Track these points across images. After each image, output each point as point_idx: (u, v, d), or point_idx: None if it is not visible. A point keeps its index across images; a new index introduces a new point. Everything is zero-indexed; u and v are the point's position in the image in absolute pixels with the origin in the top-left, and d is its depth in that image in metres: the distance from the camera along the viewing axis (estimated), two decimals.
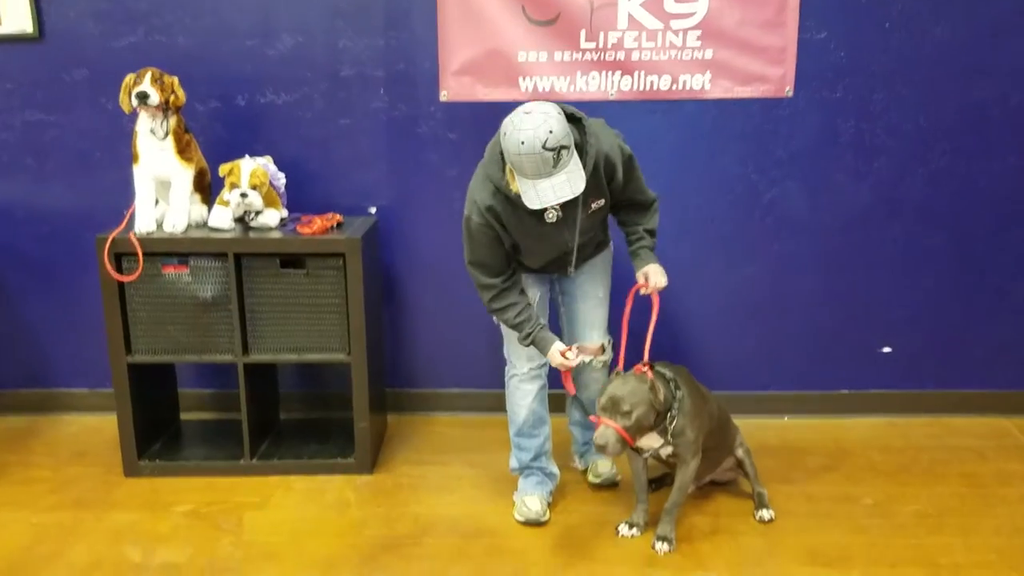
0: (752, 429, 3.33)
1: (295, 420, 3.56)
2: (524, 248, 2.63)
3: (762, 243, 3.47)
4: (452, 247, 3.46)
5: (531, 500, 2.84)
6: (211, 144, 3.33)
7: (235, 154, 3.17)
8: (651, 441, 2.65)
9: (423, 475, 3.16)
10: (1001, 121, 3.32)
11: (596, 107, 3.31)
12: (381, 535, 2.78)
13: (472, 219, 2.54)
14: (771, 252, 3.48)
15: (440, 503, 2.97)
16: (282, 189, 3.24)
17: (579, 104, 3.29)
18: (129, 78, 2.98)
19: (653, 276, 2.73)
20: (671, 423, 2.61)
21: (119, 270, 3.01)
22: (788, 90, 3.31)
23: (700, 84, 3.31)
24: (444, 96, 3.34)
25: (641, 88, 3.31)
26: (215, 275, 3.03)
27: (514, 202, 2.45)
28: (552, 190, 2.31)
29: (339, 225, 3.16)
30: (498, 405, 3.02)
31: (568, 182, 2.33)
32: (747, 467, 2.94)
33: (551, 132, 2.27)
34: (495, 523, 2.84)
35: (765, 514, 2.84)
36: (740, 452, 2.95)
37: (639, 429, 2.51)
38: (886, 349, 3.56)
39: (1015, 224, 3.42)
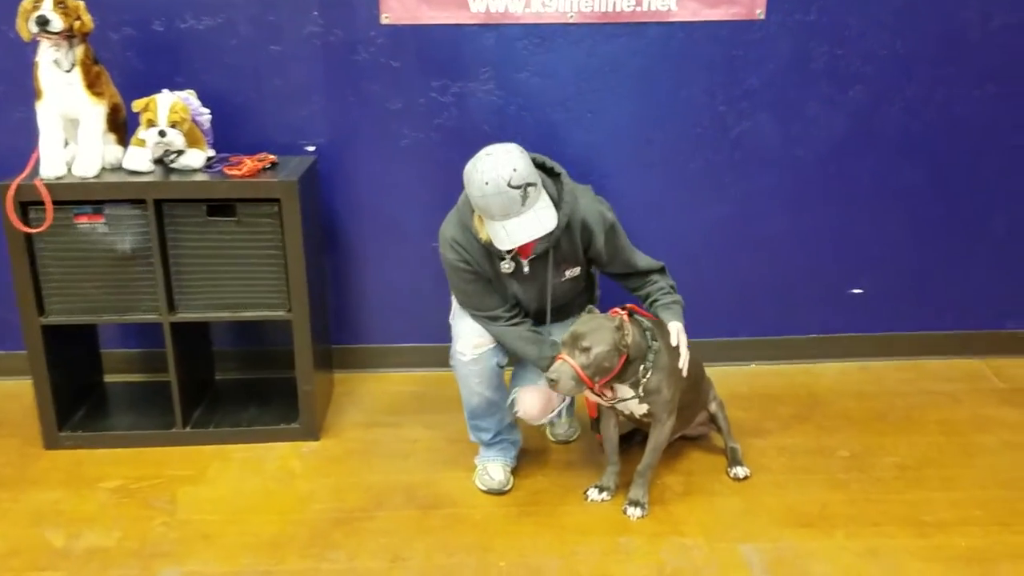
0: (719, 377, 3.14)
1: (231, 381, 3.29)
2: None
3: (731, 180, 3.25)
4: (398, 187, 3.19)
5: (494, 468, 2.64)
6: (125, 76, 2.97)
7: (152, 87, 2.82)
8: (623, 392, 2.45)
9: (375, 440, 2.93)
10: (981, 45, 3.12)
11: (554, 31, 3.03)
12: (331, 509, 2.56)
13: (447, 257, 2.46)
14: (740, 190, 3.26)
15: (395, 470, 2.75)
16: (206, 126, 2.92)
17: (535, 28, 3.02)
18: (27, 2, 2.60)
19: (682, 344, 2.52)
20: (644, 376, 2.41)
21: (26, 221, 2.67)
22: (759, 12, 3.06)
23: (666, 6, 3.03)
24: (385, 19, 3.01)
25: (602, 9, 3.02)
26: (134, 225, 2.71)
27: (483, 245, 2.38)
28: (521, 228, 2.23)
29: (272, 166, 2.85)
30: None
31: (538, 219, 2.25)
32: (720, 421, 2.78)
33: (515, 170, 2.20)
34: (455, 491, 2.64)
35: (740, 471, 2.69)
36: (713, 406, 2.78)
37: (598, 370, 2.32)
38: (856, 290, 3.40)
39: (991, 156, 3.25)
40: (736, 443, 2.77)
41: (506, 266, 2.42)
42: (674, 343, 2.50)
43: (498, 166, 2.20)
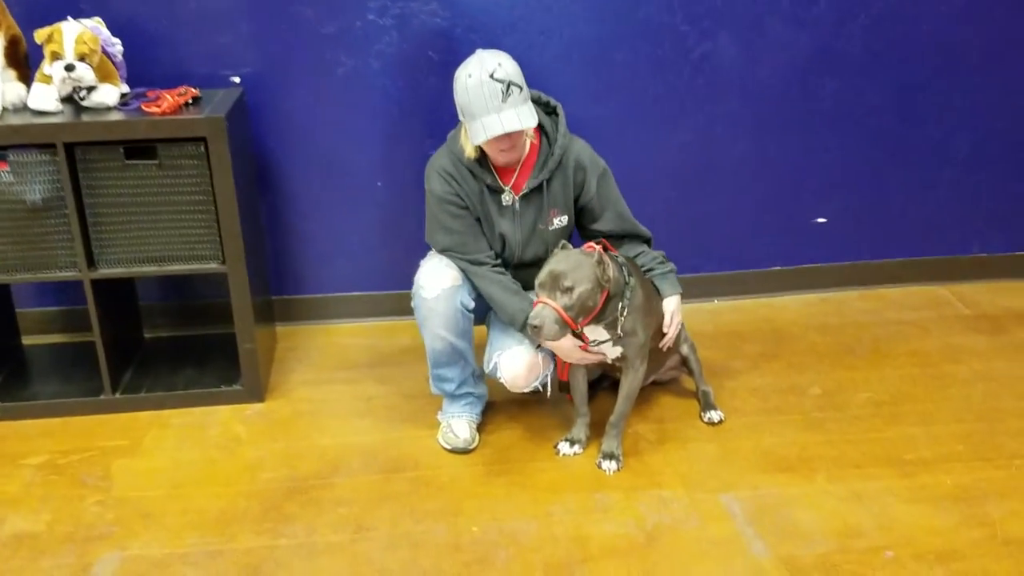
0: (683, 316, 3.03)
1: (163, 339, 3.03)
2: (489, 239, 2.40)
3: (691, 105, 3.07)
4: (337, 121, 2.94)
5: (459, 424, 2.47)
6: (23, 4, 2.64)
7: (55, 16, 2.50)
8: (598, 334, 2.29)
9: (326, 398, 2.73)
10: None
11: None
12: (282, 478, 2.36)
13: (433, 188, 2.34)
14: (701, 115, 3.09)
15: (350, 431, 2.56)
16: (119, 58, 2.61)
17: None
18: None
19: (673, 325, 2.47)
20: (622, 314, 2.25)
21: None
22: None
23: None
24: None
25: None
26: (43, 172, 2.42)
27: (474, 174, 2.32)
28: (500, 122, 2.15)
29: (195, 101, 2.57)
30: (407, 308, 2.56)
31: (518, 116, 2.17)
32: (692, 364, 2.65)
33: (500, 65, 2.17)
34: (417, 451, 2.46)
35: (714, 415, 2.57)
36: (685, 348, 2.64)
37: (582, 310, 2.16)
38: (820, 220, 3.29)
39: (957, 73, 3.12)
40: (708, 386, 2.65)
41: (506, 198, 2.32)
42: (668, 320, 2.40)
43: (483, 61, 2.17)
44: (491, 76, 2.13)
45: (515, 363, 2.38)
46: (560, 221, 2.42)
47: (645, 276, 2.43)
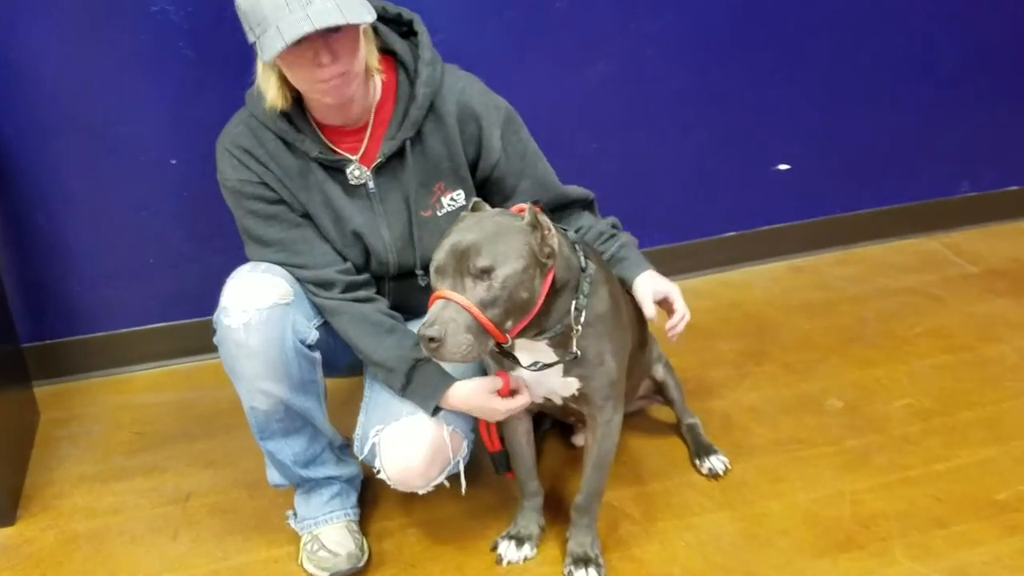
0: None
1: None
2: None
3: (613, 24, 2.24)
4: (98, 74, 1.96)
5: (332, 534, 1.54)
6: None
7: None
8: (539, 353, 1.41)
9: (117, 506, 1.72)
10: None
11: None
12: None
13: (225, 176, 1.50)
14: (626, 37, 2.26)
15: (159, 566, 1.57)
16: None
17: None
18: None
19: (678, 299, 1.60)
20: (577, 323, 1.37)
21: None
22: None
23: None
24: None
25: None
26: None
27: (288, 144, 1.48)
28: (308, 19, 1.30)
29: None
30: None
31: (337, 6, 1.31)
32: (671, 390, 1.83)
33: None
34: None
35: (716, 464, 1.76)
36: (660, 371, 1.82)
37: (512, 306, 1.26)
38: (782, 167, 2.53)
39: None
40: (694, 417, 1.85)
41: (354, 174, 1.48)
42: (650, 311, 1.54)
43: None
44: None
45: (407, 446, 1.47)
46: (453, 200, 1.56)
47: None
